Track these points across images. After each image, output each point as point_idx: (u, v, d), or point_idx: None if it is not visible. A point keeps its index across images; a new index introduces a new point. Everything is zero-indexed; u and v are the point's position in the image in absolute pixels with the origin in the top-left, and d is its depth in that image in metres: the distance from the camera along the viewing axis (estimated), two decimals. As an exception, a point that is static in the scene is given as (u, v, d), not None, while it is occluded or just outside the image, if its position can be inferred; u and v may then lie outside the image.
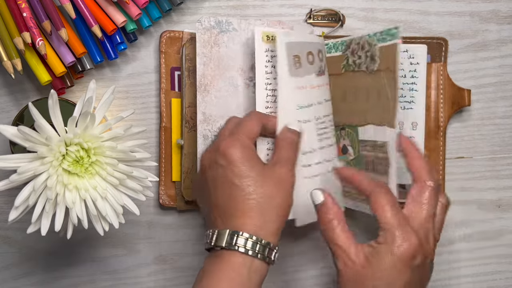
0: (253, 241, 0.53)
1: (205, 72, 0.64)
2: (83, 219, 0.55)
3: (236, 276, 0.52)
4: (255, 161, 0.56)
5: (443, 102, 0.69)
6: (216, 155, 0.56)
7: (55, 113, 0.53)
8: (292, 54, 0.60)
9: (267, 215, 0.54)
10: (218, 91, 0.64)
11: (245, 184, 0.54)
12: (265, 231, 0.54)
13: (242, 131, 0.57)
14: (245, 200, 0.54)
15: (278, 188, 0.55)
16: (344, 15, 0.69)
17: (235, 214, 0.54)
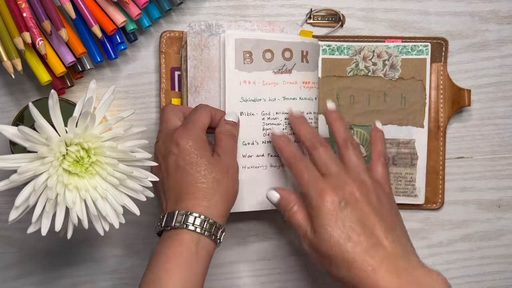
0: (201, 219, 0.56)
1: (195, 74, 0.65)
2: (83, 219, 0.55)
3: (184, 250, 0.55)
4: (205, 150, 0.60)
5: (443, 102, 0.69)
6: (170, 145, 0.60)
7: (55, 113, 0.53)
8: (243, 50, 0.64)
9: (215, 198, 0.58)
10: (208, 92, 0.65)
11: (195, 170, 0.58)
12: (213, 212, 0.57)
13: (193, 122, 0.61)
14: (195, 184, 0.58)
15: (224, 174, 0.59)
16: (344, 15, 0.69)
17: (185, 197, 0.58)
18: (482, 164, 0.72)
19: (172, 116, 0.63)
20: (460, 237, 0.72)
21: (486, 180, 0.72)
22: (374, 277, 0.53)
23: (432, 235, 0.71)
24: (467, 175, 0.71)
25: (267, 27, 0.66)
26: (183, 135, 0.59)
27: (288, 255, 0.71)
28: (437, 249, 0.71)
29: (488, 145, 0.72)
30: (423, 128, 0.68)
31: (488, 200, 0.72)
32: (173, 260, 0.55)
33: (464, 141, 0.71)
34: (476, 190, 0.72)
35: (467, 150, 0.71)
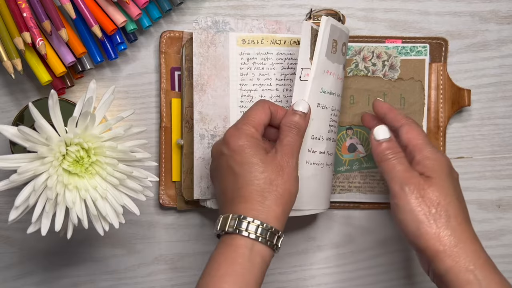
0: (255, 224, 0.53)
1: (201, 72, 0.64)
2: (83, 219, 0.55)
3: (237, 257, 0.53)
4: (257, 148, 0.57)
5: (443, 102, 0.69)
6: (221, 145, 0.58)
7: (55, 113, 0.53)
8: (333, 38, 0.61)
9: (268, 200, 0.55)
10: (214, 90, 0.65)
11: (246, 171, 0.55)
12: (267, 215, 0.54)
13: (246, 120, 0.58)
14: (246, 186, 0.55)
15: (278, 174, 0.56)
16: (344, 15, 0.69)
17: (238, 200, 0.55)
18: (482, 164, 0.72)
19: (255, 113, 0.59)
20: (460, 237, 0.72)
21: (486, 180, 0.72)
22: None
23: (432, 235, 0.71)
24: (467, 175, 0.71)
25: (273, 26, 0.66)
26: (232, 134, 0.57)
27: (288, 255, 0.71)
28: (437, 249, 0.71)
29: (488, 145, 0.72)
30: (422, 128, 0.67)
31: (488, 200, 0.72)
32: (225, 267, 0.52)
33: (464, 141, 0.71)
34: (476, 190, 0.72)
35: (467, 150, 0.71)
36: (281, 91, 0.66)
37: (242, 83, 0.66)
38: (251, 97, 0.66)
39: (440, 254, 0.54)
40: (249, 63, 0.66)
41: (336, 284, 0.71)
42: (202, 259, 0.70)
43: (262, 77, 0.66)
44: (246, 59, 0.66)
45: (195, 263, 0.70)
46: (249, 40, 0.65)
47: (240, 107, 0.66)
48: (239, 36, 0.65)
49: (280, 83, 0.66)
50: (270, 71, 0.66)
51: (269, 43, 0.66)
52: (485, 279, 0.53)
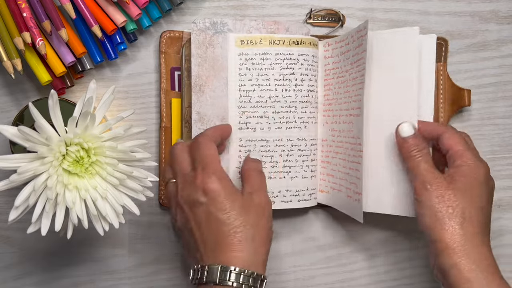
0: (245, 275, 0.53)
1: (199, 73, 0.65)
2: (83, 219, 0.55)
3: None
4: (234, 192, 0.57)
5: (443, 102, 0.69)
6: (196, 193, 0.56)
7: (55, 113, 0.53)
8: None
9: (255, 244, 0.55)
10: (212, 91, 0.65)
11: (231, 218, 0.55)
12: (255, 262, 0.55)
13: (210, 162, 0.58)
14: (232, 234, 0.55)
15: (260, 216, 0.57)
16: (344, 15, 0.69)
17: (224, 249, 0.55)
18: (482, 164, 0.72)
19: (184, 156, 0.60)
20: (460, 237, 0.72)
21: (486, 180, 0.72)
22: None
23: (432, 235, 0.71)
24: (467, 175, 0.71)
25: (272, 26, 0.66)
26: (208, 180, 0.56)
27: (288, 255, 0.71)
28: (437, 249, 0.71)
29: (488, 145, 0.72)
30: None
31: (488, 200, 0.72)
32: None
33: (464, 141, 0.71)
34: (476, 190, 0.72)
35: (467, 150, 0.71)
36: (280, 91, 0.66)
37: (240, 83, 0.66)
38: (249, 97, 0.66)
39: (449, 249, 0.56)
40: (248, 63, 0.66)
41: (336, 284, 0.71)
42: (202, 259, 0.70)
43: (261, 77, 0.66)
44: (244, 59, 0.66)
45: (195, 263, 0.70)
46: (247, 41, 0.66)
47: (238, 107, 0.66)
48: (238, 36, 0.65)
49: (279, 83, 0.66)
50: (268, 71, 0.66)
51: (268, 43, 0.66)
52: (485, 279, 0.54)
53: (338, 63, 0.67)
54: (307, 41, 0.66)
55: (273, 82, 0.66)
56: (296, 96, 0.66)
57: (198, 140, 0.60)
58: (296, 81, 0.66)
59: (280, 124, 0.66)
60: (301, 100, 0.66)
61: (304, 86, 0.66)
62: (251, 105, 0.66)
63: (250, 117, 0.66)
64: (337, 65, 0.67)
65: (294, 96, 0.66)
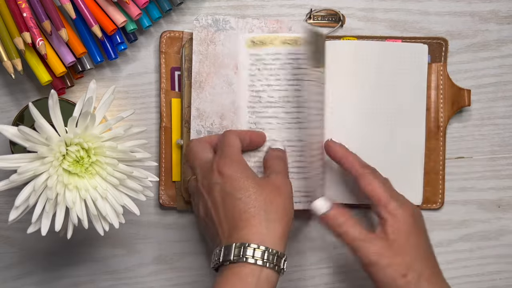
0: (261, 250, 0.53)
1: (200, 70, 0.65)
2: (83, 219, 0.55)
3: (245, 286, 0.52)
4: (249, 172, 0.57)
5: (443, 102, 0.69)
6: (212, 176, 0.57)
7: (55, 113, 0.53)
8: None
9: (270, 221, 0.55)
10: (212, 88, 0.65)
11: (245, 195, 0.56)
12: (271, 238, 0.54)
13: (229, 147, 0.59)
14: (247, 210, 0.55)
15: (276, 194, 0.57)
16: (344, 15, 0.69)
17: (239, 225, 0.54)
18: (482, 164, 0.72)
19: (201, 149, 0.61)
20: (460, 237, 0.72)
21: (486, 180, 0.72)
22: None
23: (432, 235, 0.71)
24: (467, 175, 0.71)
25: (274, 25, 0.66)
26: (224, 163, 0.57)
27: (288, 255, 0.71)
28: (437, 249, 0.71)
29: (488, 145, 0.72)
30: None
31: (488, 200, 0.72)
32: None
33: (464, 141, 0.71)
34: (476, 190, 0.72)
35: (467, 150, 0.71)
36: (292, 91, 0.65)
37: (251, 84, 0.65)
38: (259, 98, 0.65)
39: None
40: (259, 64, 0.65)
41: (336, 284, 0.71)
42: (202, 259, 0.70)
43: (272, 77, 0.65)
44: (255, 60, 0.65)
45: (195, 263, 0.70)
46: (258, 41, 0.65)
47: (248, 107, 0.65)
48: (249, 37, 0.65)
49: (290, 83, 0.66)
50: (280, 71, 0.66)
51: (279, 43, 0.66)
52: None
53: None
54: None
55: (284, 82, 0.66)
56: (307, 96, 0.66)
57: (225, 133, 0.61)
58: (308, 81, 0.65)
59: (290, 124, 0.66)
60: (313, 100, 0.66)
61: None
62: (262, 105, 0.65)
63: (260, 117, 0.66)
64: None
65: (305, 96, 0.65)
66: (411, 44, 0.68)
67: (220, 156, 0.58)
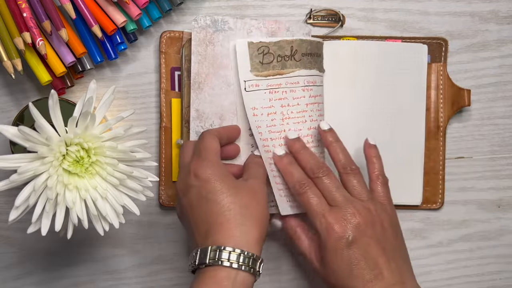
0: (236, 253, 0.53)
1: (199, 70, 0.65)
2: (83, 219, 0.55)
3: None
4: (226, 175, 0.57)
5: (443, 102, 0.69)
6: (188, 178, 0.57)
7: (55, 113, 0.53)
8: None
9: (246, 225, 0.55)
10: (211, 89, 0.65)
11: (220, 198, 0.55)
12: (246, 241, 0.54)
13: (205, 150, 0.59)
14: (222, 213, 0.55)
15: (251, 198, 0.57)
16: (344, 15, 0.69)
17: (214, 229, 0.54)
18: (482, 164, 0.72)
19: (185, 150, 0.61)
20: (459, 237, 0.72)
21: (486, 180, 0.72)
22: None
23: (432, 235, 0.71)
24: (467, 175, 0.71)
25: (273, 26, 0.66)
26: (200, 165, 0.57)
27: (287, 255, 0.71)
28: (437, 249, 0.71)
29: (488, 145, 0.72)
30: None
31: (488, 200, 0.72)
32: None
33: (464, 141, 0.71)
34: (476, 190, 0.72)
35: (467, 150, 0.71)
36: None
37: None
38: None
39: None
40: None
41: (336, 284, 0.71)
42: (202, 259, 0.70)
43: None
44: None
45: (195, 263, 0.70)
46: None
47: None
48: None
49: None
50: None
51: None
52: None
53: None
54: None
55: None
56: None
57: (202, 134, 0.61)
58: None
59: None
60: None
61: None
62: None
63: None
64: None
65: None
66: (411, 44, 0.68)
67: (196, 159, 0.58)
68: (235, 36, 0.65)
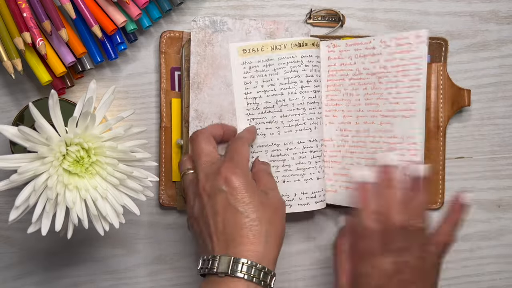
0: (256, 268, 0.53)
1: (198, 71, 0.65)
2: (84, 219, 0.55)
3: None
4: (255, 188, 0.57)
5: (443, 102, 0.69)
6: (218, 181, 0.56)
7: (55, 113, 0.53)
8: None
9: (269, 242, 0.55)
10: (211, 89, 0.65)
11: (249, 211, 0.55)
12: (267, 258, 0.54)
13: (239, 156, 0.58)
14: (249, 227, 0.55)
15: (275, 213, 0.57)
16: (344, 15, 0.69)
17: (238, 241, 0.54)
18: (482, 164, 0.72)
19: (207, 145, 0.60)
20: (459, 237, 0.72)
21: (486, 180, 0.72)
22: None
23: (432, 235, 0.71)
24: (467, 175, 0.71)
25: (271, 26, 0.66)
26: (233, 171, 0.56)
27: (288, 255, 0.71)
28: (437, 249, 0.71)
29: (488, 145, 0.72)
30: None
31: (488, 200, 0.72)
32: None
33: (464, 141, 0.71)
34: (476, 190, 0.72)
35: (467, 150, 0.71)
36: (286, 95, 0.66)
37: (246, 91, 0.66)
38: (256, 104, 0.66)
39: None
40: (252, 71, 0.66)
41: (336, 284, 0.71)
42: (202, 259, 0.70)
43: (266, 83, 0.66)
44: (248, 68, 0.66)
45: (195, 263, 0.70)
46: (249, 49, 0.66)
47: (247, 115, 0.66)
48: (239, 46, 0.65)
49: (284, 87, 0.66)
50: (273, 76, 0.66)
51: (270, 49, 0.66)
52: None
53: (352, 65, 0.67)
54: (310, 42, 0.66)
55: (279, 87, 0.66)
56: (303, 98, 0.66)
57: (237, 140, 0.61)
58: (302, 83, 0.66)
59: (290, 127, 0.66)
60: (309, 101, 0.66)
61: (310, 87, 0.66)
62: (259, 112, 0.66)
63: (259, 124, 0.66)
64: (349, 66, 0.67)
65: (301, 98, 0.66)
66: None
67: (230, 163, 0.57)
68: (233, 37, 0.65)
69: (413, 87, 0.65)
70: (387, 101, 0.67)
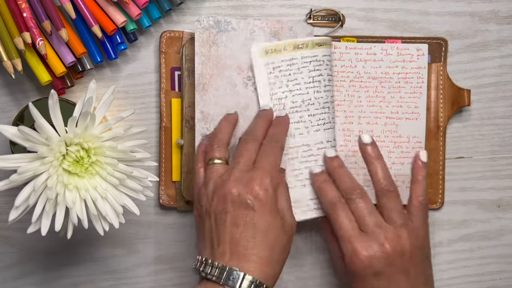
0: (256, 284, 0.53)
1: (203, 71, 0.64)
2: (83, 219, 0.55)
3: None
4: (276, 207, 0.57)
5: (443, 102, 0.69)
6: (247, 192, 0.56)
7: (55, 113, 0.53)
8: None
9: (279, 265, 0.56)
10: (216, 90, 0.65)
11: (271, 235, 0.55)
12: (269, 276, 0.55)
13: (272, 164, 0.58)
14: (266, 248, 0.55)
15: (289, 238, 0.57)
16: (344, 15, 0.69)
17: (248, 256, 0.54)
18: (482, 164, 0.72)
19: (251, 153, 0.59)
20: (460, 237, 0.72)
21: (486, 180, 0.72)
22: None
23: (432, 235, 0.71)
24: (467, 175, 0.71)
25: (275, 26, 0.66)
26: (262, 185, 0.56)
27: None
28: (437, 249, 0.71)
29: (488, 145, 0.72)
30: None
31: (488, 200, 0.72)
32: None
33: (464, 141, 0.71)
34: (476, 190, 0.72)
35: (467, 150, 0.71)
36: (312, 93, 0.65)
37: (272, 92, 0.65)
38: (283, 105, 0.65)
39: None
40: (276, 71, 0.65)
41: (337, 285, 0.71)
42: (202, 259, 0.70)
43: (291, 83, 0.65)
44: (272, 68, 0.65)
45: (195, 263, 0.70)
46: (272, 50, 0.65)
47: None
48: (263, 47, 0.65)
49: (309, 86, 0.65)
50: (297, 75, 0.65)
51: (292, 48, 0.65)
52: None
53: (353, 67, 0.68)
54: (328, 42, 0.66)
55: (304, 86, 0.65)
56: (327, 96, 0.65)
57: (273, 143, 0.60)
58: (325, 82, 0.65)
59: (318, 126, 0.65)
60: (331, 100, 0.66)
61: (331, 86, 0.66)
62: (286, 112, 0.65)
63: None
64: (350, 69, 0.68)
65: (325, 97, 0.65)
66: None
67: (261, 172, 0.57)
68: (238, 37, 0.65)
69: (415, 93, 0.68)
70: (390, 104, 0.67)
